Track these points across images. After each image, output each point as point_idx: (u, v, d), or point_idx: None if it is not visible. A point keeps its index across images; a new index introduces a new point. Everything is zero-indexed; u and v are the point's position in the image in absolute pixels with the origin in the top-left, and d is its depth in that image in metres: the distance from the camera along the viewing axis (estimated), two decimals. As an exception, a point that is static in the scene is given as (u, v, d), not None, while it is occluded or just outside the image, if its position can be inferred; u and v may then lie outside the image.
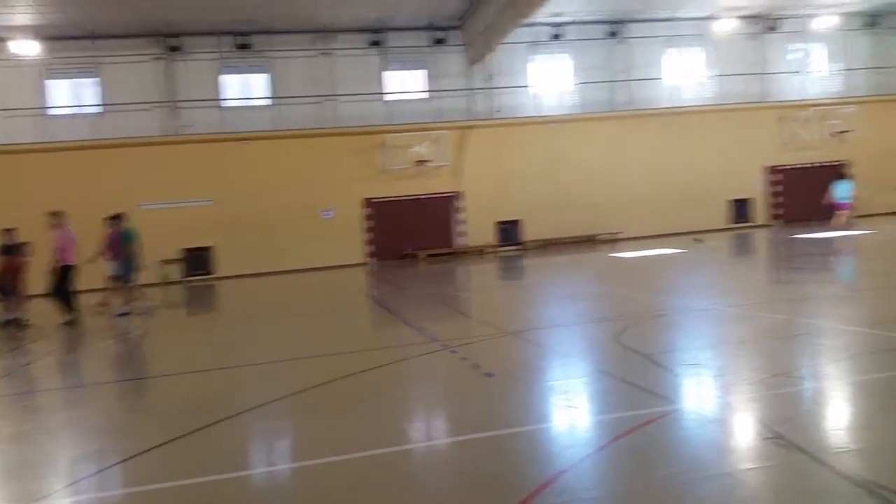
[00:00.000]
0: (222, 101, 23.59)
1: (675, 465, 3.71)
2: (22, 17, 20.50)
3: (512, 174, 24.54)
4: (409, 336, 8.59)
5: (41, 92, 22.52)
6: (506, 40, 22.44)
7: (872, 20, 27.14)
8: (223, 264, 22.87)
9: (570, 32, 25.19)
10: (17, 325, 11.83)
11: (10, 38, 21.60)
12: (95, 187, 21.13)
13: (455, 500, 3.53)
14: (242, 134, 22.98)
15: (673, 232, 24.61)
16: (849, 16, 26.80)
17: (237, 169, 22.86)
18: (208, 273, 22.88)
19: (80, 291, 12.47)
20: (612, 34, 25.51)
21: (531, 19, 21.67)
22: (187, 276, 22.59)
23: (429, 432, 4.90)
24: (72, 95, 23.03)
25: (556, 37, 25.06)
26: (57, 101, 22.84)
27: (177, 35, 22.77)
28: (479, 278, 17.66)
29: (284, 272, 22.29)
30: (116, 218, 13.46)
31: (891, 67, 27.13)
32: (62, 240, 12.04)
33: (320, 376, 6.34)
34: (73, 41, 22.07)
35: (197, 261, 22.87)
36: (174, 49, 22.94)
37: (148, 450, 4.49)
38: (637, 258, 17.71)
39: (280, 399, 5.66)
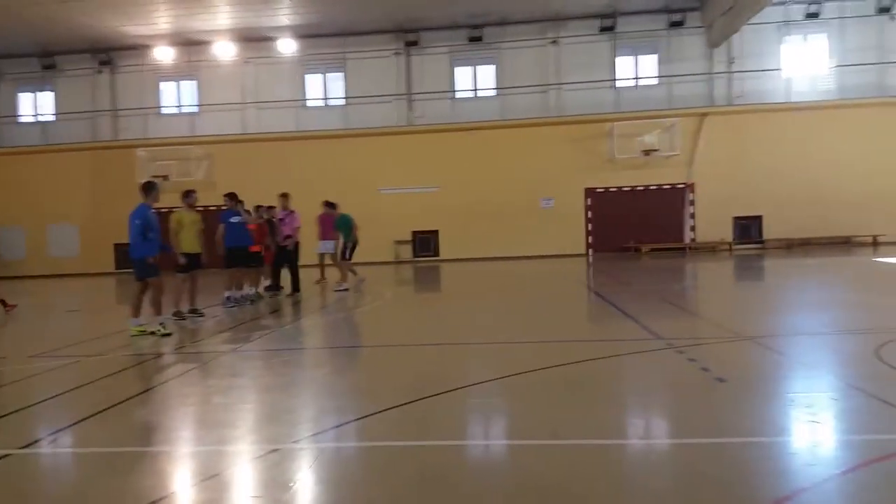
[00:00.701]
0: (453, 93, 24.65)
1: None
2: (284, 18, 23.18)
3: (753, 165, 22.55)
4: (631, 331, 8.30)
5: (299, 85, 25.32)
6: (752, 20, 20.61)
7: None
8: (447, 248, 24.02)
9: (829, 10, 22.44)
10: (259, 296, 13.09)
11: (274, 38, 24.53)
12: (342, 172, 23.35)
13: (674, 502, 3.35)
14: (470, 124, 23.85)
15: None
16: None
17: (464, 157, 23.80)
18: (434, 255, 24.16)
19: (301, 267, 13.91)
20: (884, 10, 22.23)
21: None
22: (415, 257, 24.08)
23: (650, 430, 4.71)
24: (322, 89, 25.60)
25: (813, 15, 22.45)
26: (311, 94, 25.54)
27: (415, 30, 24.21)
28: (710, 276, 16.53)
29: (503, 258, 22.79)
30: (329, 204, 14.74)
31: None
32: (291, 220, 13.62)
33: (539, 361, 6.37)
34: (324, 38, 24.48)
35: (425, 243, 24.28)
36: (412, 44, 24.42)
37: (380, 411, 4.86)
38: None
39: (500, 378, 5.80)
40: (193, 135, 25.05)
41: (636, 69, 24.16)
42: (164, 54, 25.10)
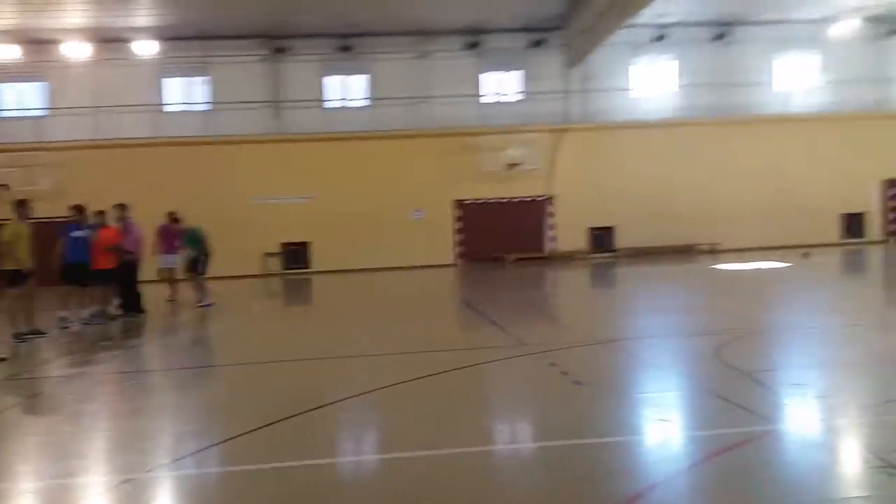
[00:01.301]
0: (322, 102, 24.36)
1: (773, 487, 3.53)
2: (142, 19, 21.90)
3: (607, 179, 24.03)
4: (497, 338, 8.56)
5: (157, 89, 23.98)
6: (607, 42, 22.00)
7: None
8: (319, 259, 23.62)
9: (675, 34, 24.37)
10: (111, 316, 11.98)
11: (131, 39, 23.08)
12: (204, 181, 22.34)
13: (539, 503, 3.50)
14: (341, 134, 23.66)
15: (778, 245, 23.33)
16: None
17: (335, 168, 23.55)
18: (305, 267, 23.69)
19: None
20: (720, 36, 24.48)
21: (634, 20, 21.15)
22: (286, 269, 23.48)
23: (514, 435, 4.88)
24: (184, 93, 24.42)
25: (660, 38, 24.29)
26: (170, 99, 24.29)
27: (283, 37, 23.70)
28: (569, 284, 17.40)
29: (375, 269, 22.77)
30: (173, 216, 14.06)
31: None
32: (129, 233, 12.44)
33: (407, 373, 6.42)
34: (186, 41, 23.36)
35: (295, 255, 23.74)
36: (280, 50, 23.88)
37: (246, 433, 4.69)
38: (739, 271, 16.95)
39: (368, 392, 5.77)
40: (40, 140, 22.99)
41: (500, 85, 25.03)
42: (7, 52, 22.87)
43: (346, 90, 24.77)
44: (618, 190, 23.92)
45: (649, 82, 24.85)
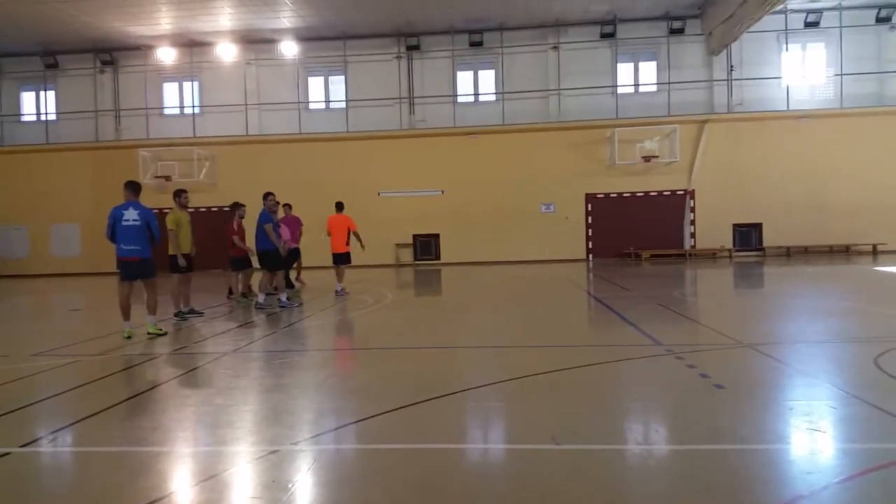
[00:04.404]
0: (454, 97, 24.71)
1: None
2: (285, 21, 23.25)
3: (753, 173, 22.61)
4: (631, 336, 8.31)
5: (301, 88, 25.39)
6: (752, 28, 20.69)
7: None
8: (448, 251, 24.05)
9: (829, 19, 22.49)
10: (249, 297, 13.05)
11: (276, 40, 24.59)
12: (342, 175, 23.41)
13: (675, 508, 3.37)
14: (471, 128, 23.91)
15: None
16: None
17: (465, 162, 23.86)
18: (435, 258, 24.20)
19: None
20: (883, 20, 22.29)
21: (783, 5, 19.75)
22: (417, 260, 24.11)
23: (648, 436, 4.72)
24: (324, 91, 25.66)
25: (812, 24, 22.51)
26: (313, 97, 25.60)
27: (416, 34, 24.28)
28: (710, 283, 16.55)
29: (504, 262, 22.82)
30: (287, 205, 14.59)
31: None
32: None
33: (539, 366, 6.39)
34: (325, 41, 24.55)
35: (425, 246, 24.32)
36: (413, 48, 24.48)
37: (380, 413, 4.88)
38: (901, 273, 15.39)
39: (500, 382, 5.81)
40: (195, 136, 25.09)
41: (636, 75, 24.23)
42: (166, 55, 25.15)
43: (478, 85, 24.98)
44: (765, 184, 22.47)
45: (801, 70, 23.09)
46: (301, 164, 23.71)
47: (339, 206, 14.19)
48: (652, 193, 23.53)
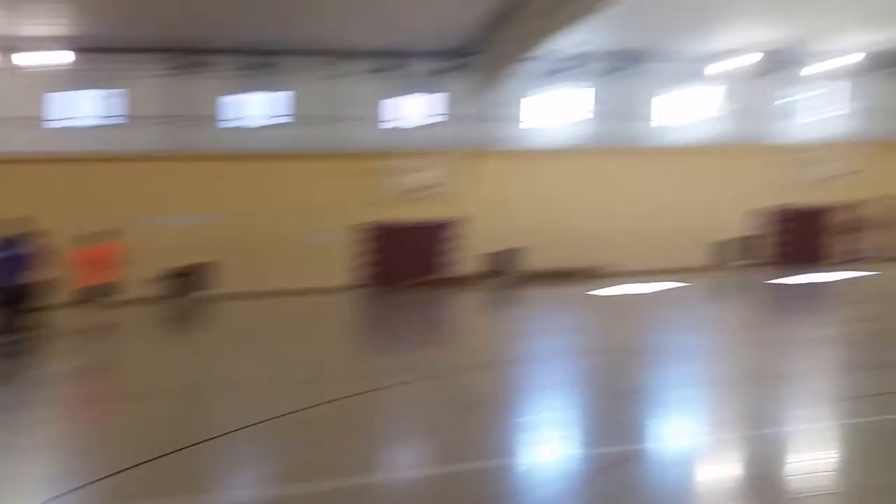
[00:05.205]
0: (232, 120, 23.81)
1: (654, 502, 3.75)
2: (46, 29, 20.72)
3: (514, 204, 24.67)
4: (392, 364, 8.63)
5: (44, 102, 22.76)
6: (517, 70, 22.75)
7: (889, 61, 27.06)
8: (219, 281, 22.91)
9: (582, 66, 25.37)
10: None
11: (30, 49, 21.80)
12: (98, 200, 21.34)
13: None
14: (246, 152, 23.19)
15: (668, 268, 24.73)
16: (870, 56, 26.58)
17: (239, 187, 23.07)
18: (203, 290, 22.92)
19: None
20: (622, 69, 25.69)
21: (542, 52, 22.02)
22: (180, 293, 22.63)
23: (406, 461, 4.94)
24: (93, 107, 23.29)
25: (569, 69, 25.22)
26: (78, 112, 23.08)
27: (191, 52, 23.06)
28: (470, 308, 17.68)
29: (278, 292, 22.34)
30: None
31: None
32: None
33: (298, 402, 6.38)
34: (96, 54, 22.33)
35: (192, 278, 22.92)
36: (187, 66, 23.23)
37: (133, 466, 4.53)
38: (633, 293, 17.76)
39: (259, 423, 5.69)
40: None
41: (412, 108, 25.30)
42: None
43: (258, 109, 24.37)
44: (525, 215, 24.63)
45: (556, 111, 25.76)
46: (47, 188, 21.15)
47: (95, 236, 12.93)
48: (423, 223, 24.58)
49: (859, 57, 26.02)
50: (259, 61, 23.41)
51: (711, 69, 25.82)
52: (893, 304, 13.96)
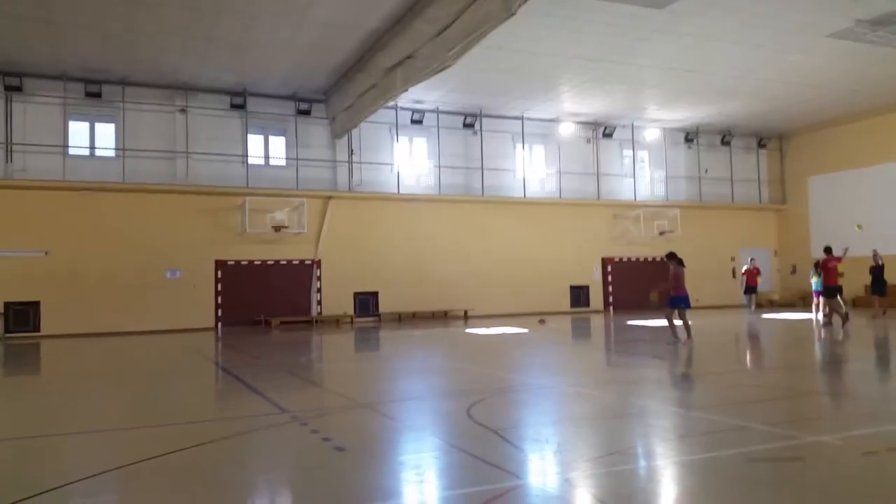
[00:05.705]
0: (66, 148, 22.04)
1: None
2: None
3: (371, 246, 24.83)
4: (258, 406, 8.27)
5: None
6: (369, 119, 23.14)
7: (688, 136, 30.88)
8: (53, 322, 20.89)
9: (430, 119, 26.34)
10: None
11: None
12: None
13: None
14: (85, 183, 21.55)
15: (520, 312, 25.88)
16: (671, 131, 30.33)
17: (77, 220, 21.36)
18: (34, 330, 20.79)
19: None
20: (468, 125, 26.99)
21: (392, 103, 22.69)
22: (7, 333, 20.40)
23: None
24: None
25: (417, 121, 26.09)
26: None
27: (18, 74, 21.25)
28: (333, 348, 17.41)
29: (125, 333, 20.76)
30: None
31: (712, 178, 31.01)
32: None
33: (155, 448, 5.93)
34: None
35: (21, 316, 20.77)
36: (15, 89, 21.36)
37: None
38: (487, 335, 18.32)
39: (109, 472, 5.23)
40: None
41: (266, 149, 24.84)
42: None
43: (94, 138, 22.79)
44: (381, 257, 24.84)
45: (408, 159, 26.40)
46: None
47: None
48: (282, 262, 24.02)
49: (658, 132, 29.67)
50: (93, 89, 21.94)
51: (552, 130, 27.95)
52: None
